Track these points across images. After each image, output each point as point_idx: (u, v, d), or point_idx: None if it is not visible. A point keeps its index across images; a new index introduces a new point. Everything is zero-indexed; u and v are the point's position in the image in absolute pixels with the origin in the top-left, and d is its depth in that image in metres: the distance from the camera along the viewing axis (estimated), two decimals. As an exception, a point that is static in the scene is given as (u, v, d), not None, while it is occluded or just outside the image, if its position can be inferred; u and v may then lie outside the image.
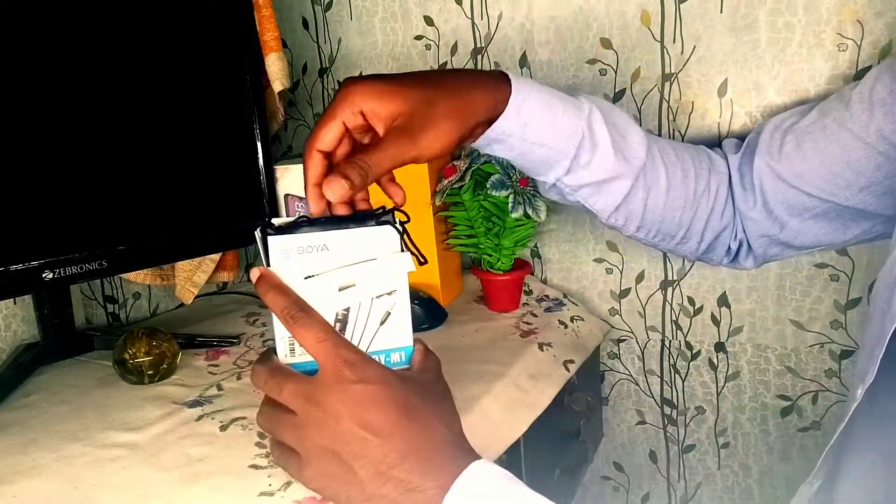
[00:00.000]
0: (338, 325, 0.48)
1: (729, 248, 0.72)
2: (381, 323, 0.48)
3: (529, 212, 0.80)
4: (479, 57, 0.94)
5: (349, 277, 0.47)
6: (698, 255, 0.72)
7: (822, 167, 0.62)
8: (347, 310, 0.48)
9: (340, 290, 0.47)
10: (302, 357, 0.48)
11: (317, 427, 0.45)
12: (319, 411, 0.44)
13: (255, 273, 0.48)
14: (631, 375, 0.95)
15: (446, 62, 0.97)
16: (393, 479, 0.43)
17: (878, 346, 0.49)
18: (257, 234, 0.48)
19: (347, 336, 0.48)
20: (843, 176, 0.61)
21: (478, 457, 0.45)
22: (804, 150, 0.63)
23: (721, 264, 0.74)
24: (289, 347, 0.48)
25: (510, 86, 0.57)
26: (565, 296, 0.93)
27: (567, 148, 0.59)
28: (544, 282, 0.97)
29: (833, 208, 0.64)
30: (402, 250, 0.49)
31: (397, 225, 0.49)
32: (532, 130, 0.58)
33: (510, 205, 0.79)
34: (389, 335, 0.49)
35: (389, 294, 0.48)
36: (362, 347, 0.48)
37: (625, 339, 0.94)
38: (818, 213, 0.65)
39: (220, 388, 0.68)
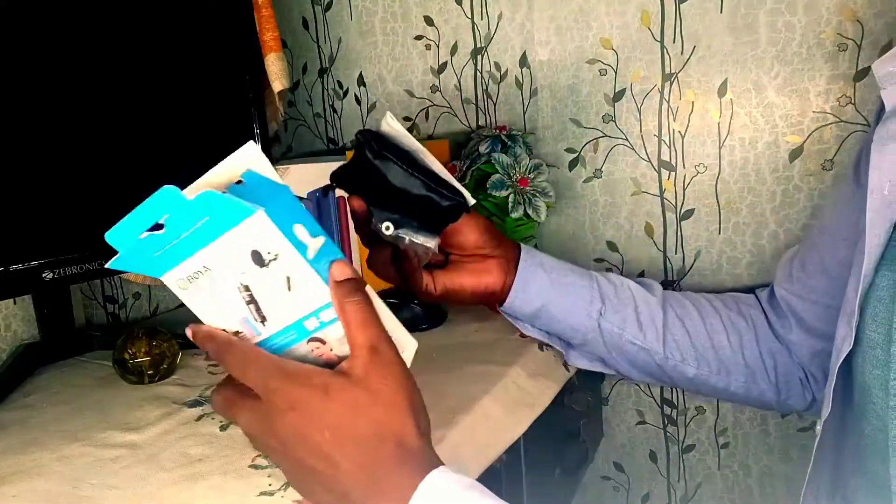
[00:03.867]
0: (251, 306, 0.44)
1: (800, 380, 0.70)
2: (288, 289, 0.44)
3: (529, 212, 0.80)
4: (479, 57, 0.94)
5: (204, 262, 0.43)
6: (777, 390, 0.70)
7: (824, 276, 0.63)
8: (248, 288, 0.43)
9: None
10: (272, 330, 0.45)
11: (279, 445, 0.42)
12: (276, 439, 0.42)
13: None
14: (631, 375, 0.95)
15: (446, 62, 0.97)
16: None
17: (830, 378, 0.50)
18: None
19: (263, 311, 0.44)
20: (843, 277, 0.58)
21: (432, 467, 0.41)
22: (807, 268, 0.65)
23: (808, 408, 0.71)
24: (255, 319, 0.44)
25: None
26: (565, 296, 0.93)
27: (592, 283, 0.67)
28: (544, 282, 0.97)
29: None
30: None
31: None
32: (556, 278, 0.66)
33: (510, 205, 0.79)
34: (301, 299, 0.44)
35: (275, 259, 0.42)
36: (280, 322, 0.44)
37: (625, 339, 0.94)
38: None
39: (220, 388, 0.68)
